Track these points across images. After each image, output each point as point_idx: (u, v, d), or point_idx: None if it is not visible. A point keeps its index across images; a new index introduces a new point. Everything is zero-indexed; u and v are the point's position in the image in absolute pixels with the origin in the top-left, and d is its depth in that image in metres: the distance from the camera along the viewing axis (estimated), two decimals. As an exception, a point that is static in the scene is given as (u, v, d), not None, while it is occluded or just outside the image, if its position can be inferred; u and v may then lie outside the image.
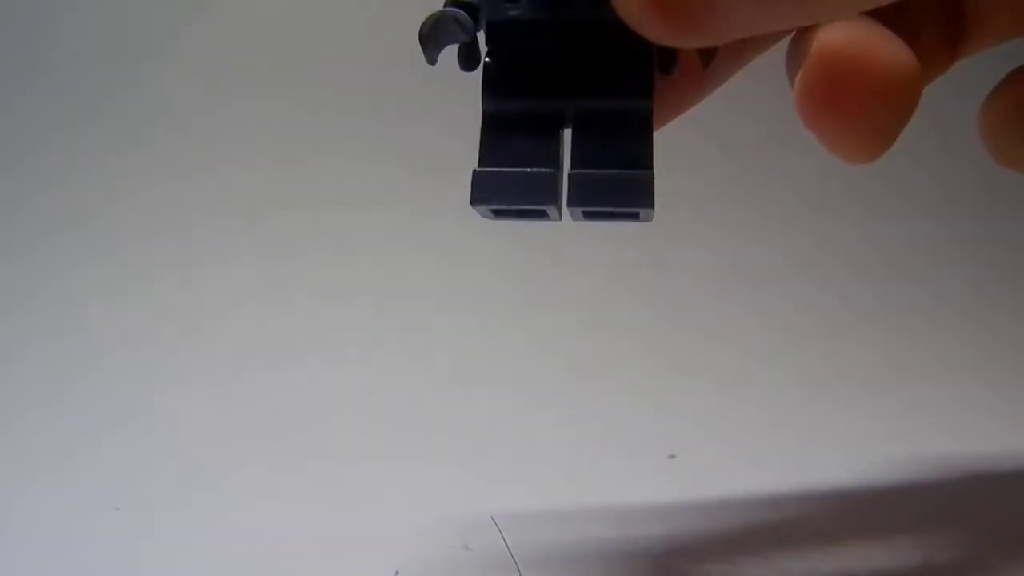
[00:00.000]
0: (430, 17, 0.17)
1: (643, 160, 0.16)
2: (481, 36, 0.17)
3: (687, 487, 0.26)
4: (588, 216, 0.16)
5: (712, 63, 0.17)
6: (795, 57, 0.20)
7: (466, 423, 0.32)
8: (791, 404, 0.35)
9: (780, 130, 0.32)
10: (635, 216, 0.16)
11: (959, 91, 0.25)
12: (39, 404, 0.33)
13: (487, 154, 0.17)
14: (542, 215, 0.17)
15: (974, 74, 0.22)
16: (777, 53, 0.19)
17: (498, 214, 0.17)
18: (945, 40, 0.21)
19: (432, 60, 0.17)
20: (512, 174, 0.16)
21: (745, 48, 0.21)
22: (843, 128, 0.18)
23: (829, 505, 0.25)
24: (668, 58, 0.17)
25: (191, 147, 0.48)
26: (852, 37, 0.18)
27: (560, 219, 0.17)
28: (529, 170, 0.16)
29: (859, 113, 0.18)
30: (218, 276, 0.43)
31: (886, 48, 0.18)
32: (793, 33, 0.20)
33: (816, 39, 0.18)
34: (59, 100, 0.49)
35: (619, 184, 0.16)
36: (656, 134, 0.17)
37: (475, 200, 0.16)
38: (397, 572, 0.20)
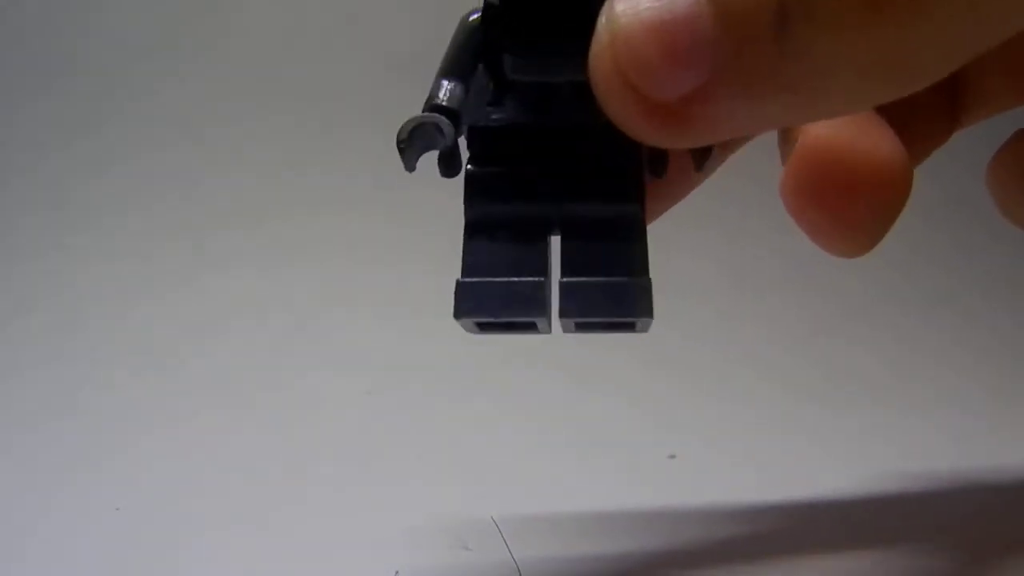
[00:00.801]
0: (408, 123, 0.16)
1: (638, 266, 0.15)
2: (462, 141, 0.16)
3: (687, 487, 0.26)
4: (581, 328, 0.15)
5: (707, 164, 0.16)
6: (783, 140, 0.19)
7: (466, 423, 0.32)
8: (791, 405, 0.35)
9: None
10: (631, 326, 0.15)
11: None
12: (41, 405, 0.33)
13: (471, 264, 0.15)
14: (531, 328, 0.16)
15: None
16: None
17: (483, 328, 0.16)
18: (944, 113, 0.20)
19: (411, 167, 0.16)
20: (498, 284, 0.15)
21: (735, 140, 0.20)
22: (829, 224, 0.18)
23: (829, 506, 0.25)
24: (659, 160, 0.16)
25: (196, 153, 0.48)
26: (839, 128, 0.17)
27: (550, 331, 0.16)
28: (516, 279, 0.15)
29: (845, 211, 0.18)
30: (221, 281, 0.43)
31: (874, 143, 0.17)
32: None
33: (802, 129, 0.18)
34: (64, 106, 0.49)
35: (613, 292, 0.15)
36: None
37: (459, 313, 0.15)
38: (397, 572, 0.20)
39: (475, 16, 0.17)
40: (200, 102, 0.49)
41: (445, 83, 0.16)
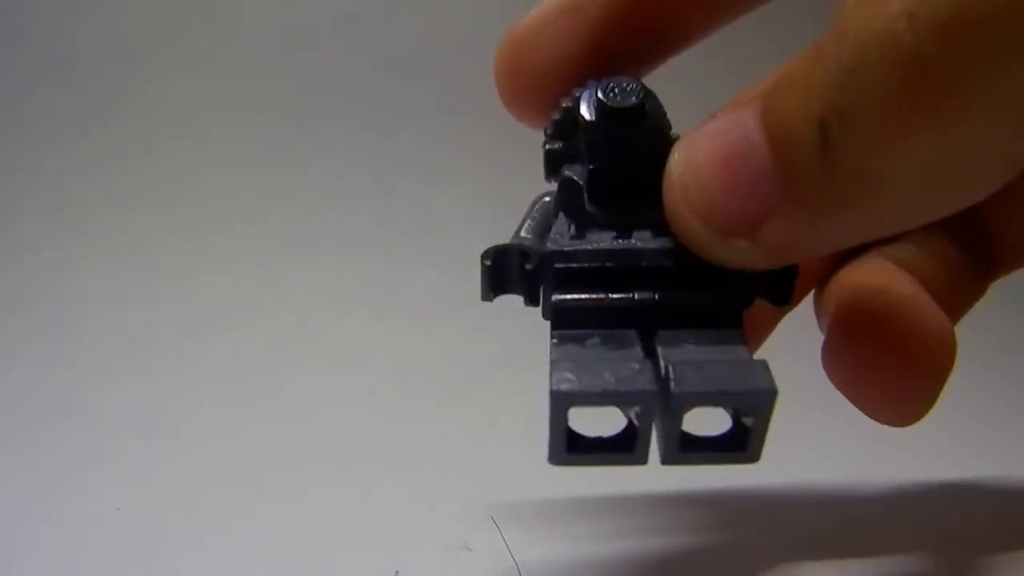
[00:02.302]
0: (492, 248, 0.16)
1: (747, 356, 0.15)
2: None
3: (687, 487, 0.26)
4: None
5: (788, 305, 0.16)
6: (818, 306, 0.19)
7: (466, 423, 0.32)
8: (791, 405, 0.35)
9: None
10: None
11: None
12: (40, 405, 0.33)
13: (561, 363, 0.15)
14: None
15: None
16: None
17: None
18: (978, 269, 0.20)
19: (487, 298, 0.16)
20: (598, 361, 0.14)
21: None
22: (884, 403, 0.18)
23: (829, 507, 0.25)
24: (783, 286, 0.15)
25: (196, 153, 0.48)
26: (879, 299, 0.17)
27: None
28: (619, 363, 0.14)
29: (898, 389, 0.17)
30: (221, 281, 0.43)
31: (920, 319, 0.17)
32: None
33: (837, 299, 0.18)
34: (64, 106, 0.49)
35: (731, 366, 0.14)
36: None
37: (557, 394, 0.14)
38: (397, 572, 0.20)
39: (547, 199, 0.17)
40: (200, 102, 0.49)
41: (524, 225, 0.17)
